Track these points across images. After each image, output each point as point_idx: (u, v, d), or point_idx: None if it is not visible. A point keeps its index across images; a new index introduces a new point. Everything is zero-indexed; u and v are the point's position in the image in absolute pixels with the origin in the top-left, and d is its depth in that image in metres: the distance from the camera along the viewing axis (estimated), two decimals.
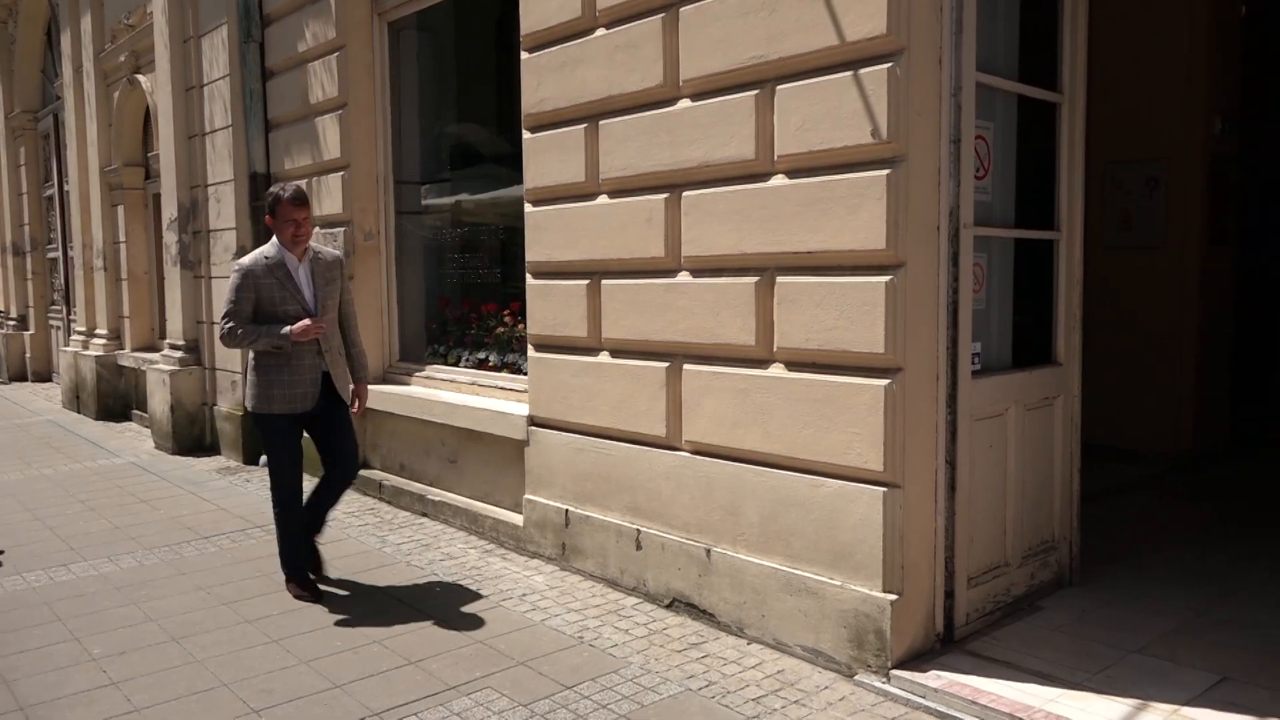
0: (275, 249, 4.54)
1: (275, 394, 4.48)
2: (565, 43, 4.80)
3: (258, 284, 4.46)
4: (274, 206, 4.49)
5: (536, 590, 4.71)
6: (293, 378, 4.49)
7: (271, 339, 4.42)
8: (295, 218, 4.47)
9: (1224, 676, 3.47)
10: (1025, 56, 4.13)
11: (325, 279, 4.63)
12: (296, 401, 4.50)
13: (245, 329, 4.45)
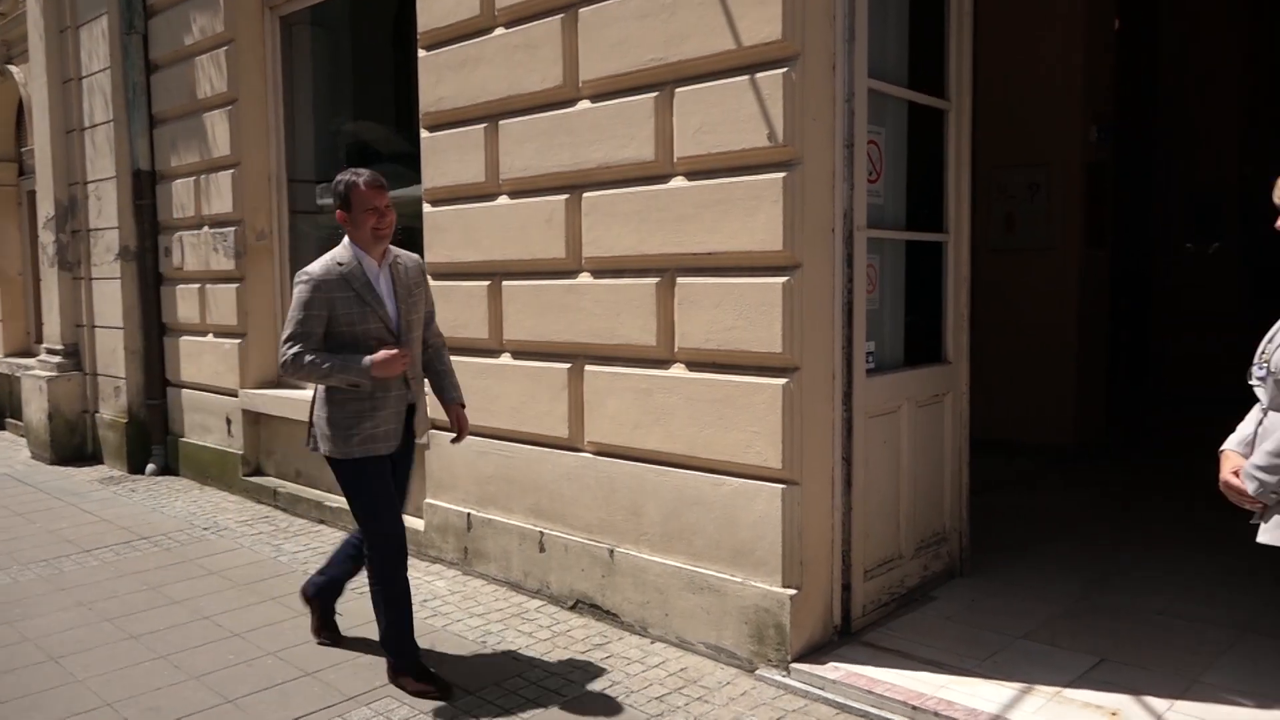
0: (349, 252, 3.56)
1: (358, 433, 3.54)
2: (464, 41, 4.75)
3: (331, 299, 3.49)
4: (347, 195, 3.53)
5: (438, 595, 4.64)
6: (379, 413, 3.56)
7: (348, 375, 3.45)
8: (377, 205, 3.52)
9: (1102, 658, 3.65)
10: (914, 65, 4.26)
11: (408, 289, 3.67)
12: (381, 441, 3.59)
13: (315, 357, 3.45)
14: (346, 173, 3.58)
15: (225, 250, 6.66)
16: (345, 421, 3.55)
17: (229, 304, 6.69)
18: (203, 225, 6.90)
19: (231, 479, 6.76)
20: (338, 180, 3.57)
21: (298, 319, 3.50)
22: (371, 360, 3.44)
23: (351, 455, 3.56)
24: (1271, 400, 2.27)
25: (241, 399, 6.62)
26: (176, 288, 7.25)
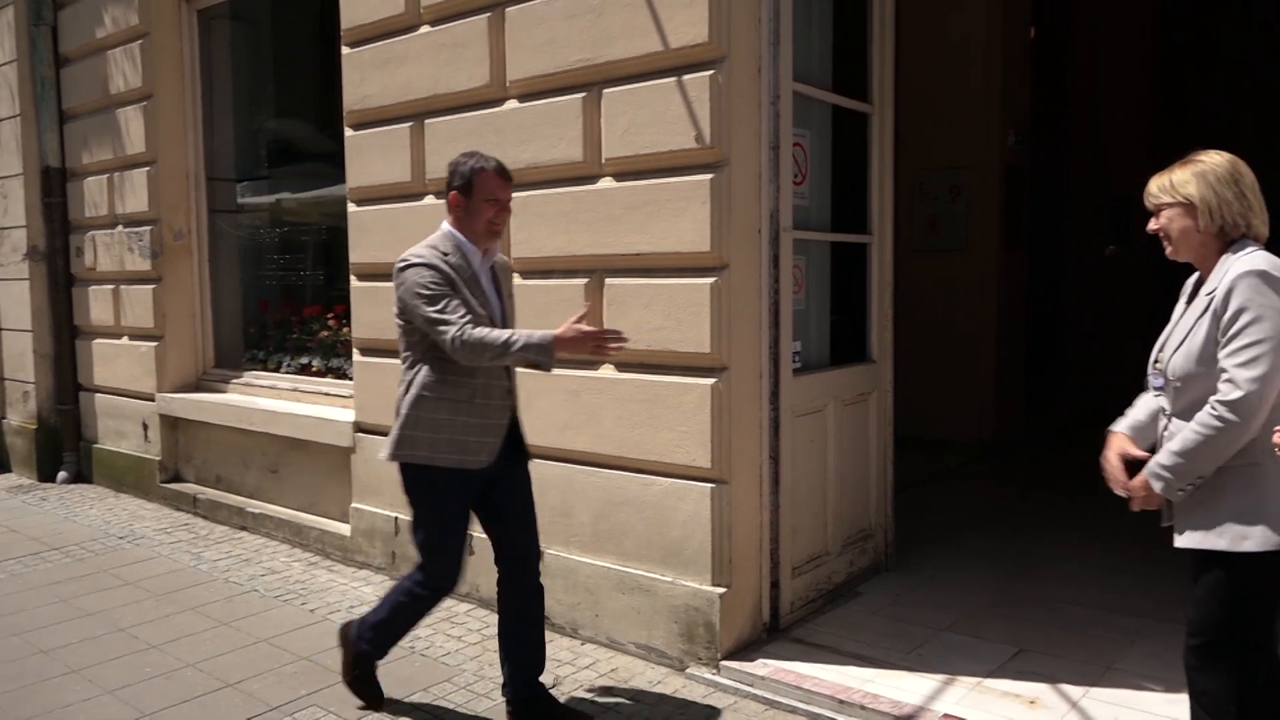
0: (452, 243, 3.16)
1: (446, 438, 3.10)
2: (388, 39, 4.68)
3: (451, 281, 3.09)
4: (470, 179, 3.14)
5: (366, 601, 4.57)
6: (476, 419, 3.12)
7: (529, 353, 2.97)
8: (500, 197, 3.16)
9: (1021, 648, 3.75)
10: (838, 69, 4.33)
11: (506, 290, 3.35)
12: (477, 451, 3.12)
13: (491, 330, 3.01)
14: (473, 155, 3.21)
15: (141, 250, 6.46)
16: (433, 422, 3.09)
17: (145, 305, 6.49)
18: (117, 224, 6.68)
19: (149, 486, 6.56)
20: (461, 161, 3.19)
21: (440, 295, 3.02)
22: (555, 335, 2.97)
23: (433, 462, 3.10)
24: (1174, 406, 2.32)
25: (159, 403, 6.43)
26: (89, 289, 7.01)
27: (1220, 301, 2.18)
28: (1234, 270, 2.18)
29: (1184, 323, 2.31)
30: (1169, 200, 2.32)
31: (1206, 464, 2.20)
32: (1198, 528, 2.28)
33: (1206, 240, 2.29)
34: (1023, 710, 3.26)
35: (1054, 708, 3.28)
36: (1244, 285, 2.15)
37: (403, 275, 3.11)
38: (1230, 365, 2.15)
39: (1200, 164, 2.31)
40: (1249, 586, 2.25)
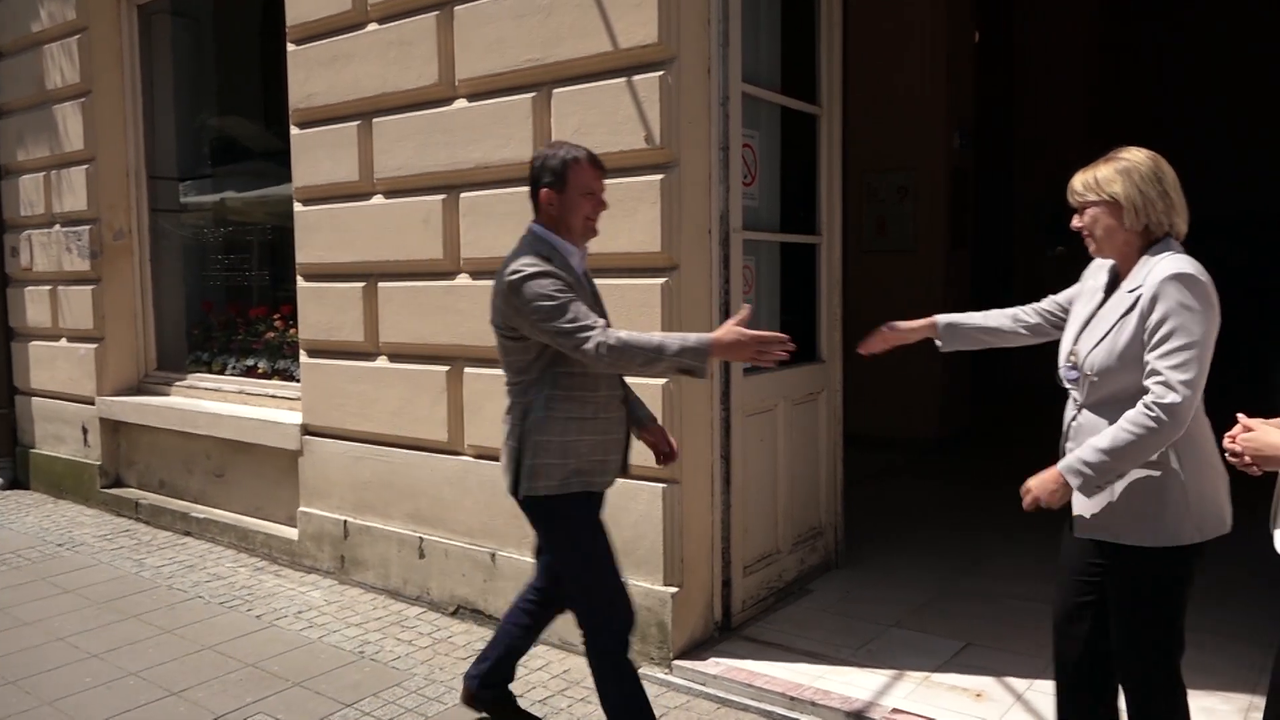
0: (548, 243, 2.79)
1: (575, 462, 2.75)
2: (335, 36, 4.62)
3: (570, 285, 2.73)
4: (563, 171, 2.77)
5: (313, 606, 4.51)
6: (600, 436, 2.81)
7: (682, 357, 2.58)
8: (596, 189, 2.83)
9: (967, 643, 3.82)
10: (787, 71, 4.36)
11: (599, 295, 3.01)
12: (599, 473, 2.83)
13: (631, 336, 2.61)
14: (560, 146, 2.84)
15: (80, 250, 6.30)
16: (564, 446, 2.74)
17: (84, 307, 6.33)
18: (54, 223, 6.51)
19: (89, 491, 6.40)
20: (550, 153, 2.82)
21: (568, 302, 2.62)
22: (713, 339, 2.60)
23: (566, 488, 2.75)
24: (1087, 399, 2.36)
25: (99, 407, 6.28)
26: (25, 289, 6.82)
27: (1147, 303, 2.20)
28: (1159, 272, 2.21)
29: (1104, 318, 2.33)
30: (1094, 198, 2.34)
31: (1131, 463, 2.22)
32: (1101, 522, 2.33)
33: (1131, 239, 2.32)
34: (969, 703, 3.32)
35: (1000, 700, 3.34)
36: (1172, 288, 2.17)
37: (520, 291, 2.65)
38: (1164, 368, 2.17)
39: (1124, 161, 2.33)
40: (1157, 584, 2.31)
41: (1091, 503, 2.34)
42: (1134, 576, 2.32)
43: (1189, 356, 2.15)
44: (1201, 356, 2.16)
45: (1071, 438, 2.39)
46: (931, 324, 2.78)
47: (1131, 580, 2.33)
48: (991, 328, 2.74)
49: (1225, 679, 3.43)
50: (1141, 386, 2.21)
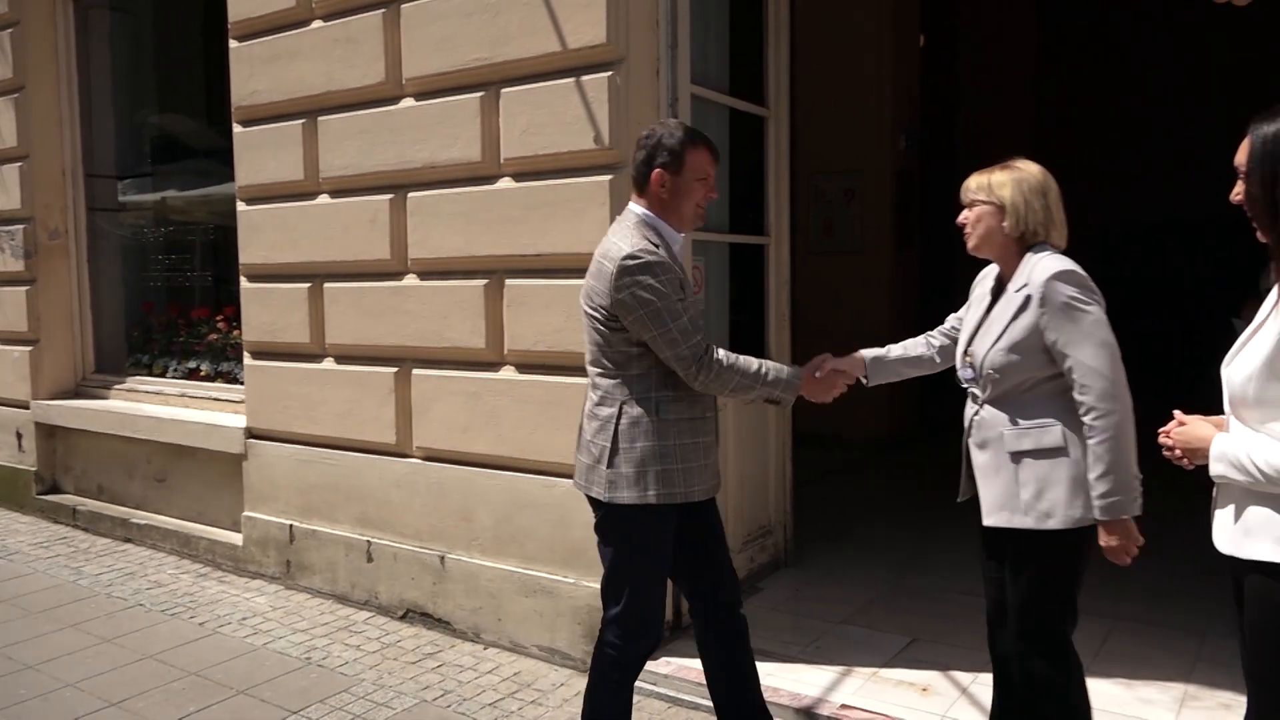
0: (654, 232, 2.61)
1: (698, 465, 2.61)
2: (279, 33, 4.56)
3: (680, 280, 2.59)
4: (681, 154, 2.60)
5: (259, 612, 4.43)
6: (708, 437, 2.67)
7: (776, 388, 2.60)
8: (711, 175, 2.68)
9: (914, 638, 3.87)
10: (735, 73, 4.39)
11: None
12: (712, 474, 2.69)
13: (732, 358, 2.56)
14: (676, 126, 2.70)
15: (13, 250, 6.13)
16: (680, 449, 2.56)
17: (18, 308, 6.16)
18: None
19: (23, 498, 6.23)
20: (663, 133, 2.64)
21: (677, 308, 2.49)
22: (804, 372, 2.63)
23: (668, 497, 2.55)
24: (987, 395, 2.49)
25: (34, 411, 6.11)
26: None
27: (1038, 300, 2.33)
28: (1042, 271, 2.35)
29: (997, 319, 2.46)
30: (984, 199, 2.50)
31: (1128, 457, 2.29)
32: (1004, 508, 2.43)
33: (1009, 243, 2.47)
34: (916, 698, 3.37)
35: (945, 694, 3.39)
36: (1059, 285, 2.32)
37: (634, 276, 2.48)
38: (1081, 357, 2.29)
39: (1018, 171, 2.50)
40: (1056, 564, 2.40)
41: (995, 491, 2.45)
42: (1032, 557, 2.41)
43: (1099, 339, 2.29)
44: (1104, 336, 2.30)
45: (973, 433, 2.54)
46: (860, 360, 2.84)
47: (1030, 561, 2.42)
48: (911, 358, 2.86)
49: (1162, 669, 3.52)
50: (1039, 377, 2.38)
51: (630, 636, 2.68)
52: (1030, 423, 2.39)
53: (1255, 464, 1.75)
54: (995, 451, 2.46)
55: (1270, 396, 1.77)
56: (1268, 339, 1.77)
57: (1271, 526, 1.77)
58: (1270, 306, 1.84)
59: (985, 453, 2.49)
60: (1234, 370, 1.87)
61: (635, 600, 2.66)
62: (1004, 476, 2.42)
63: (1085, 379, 2.29)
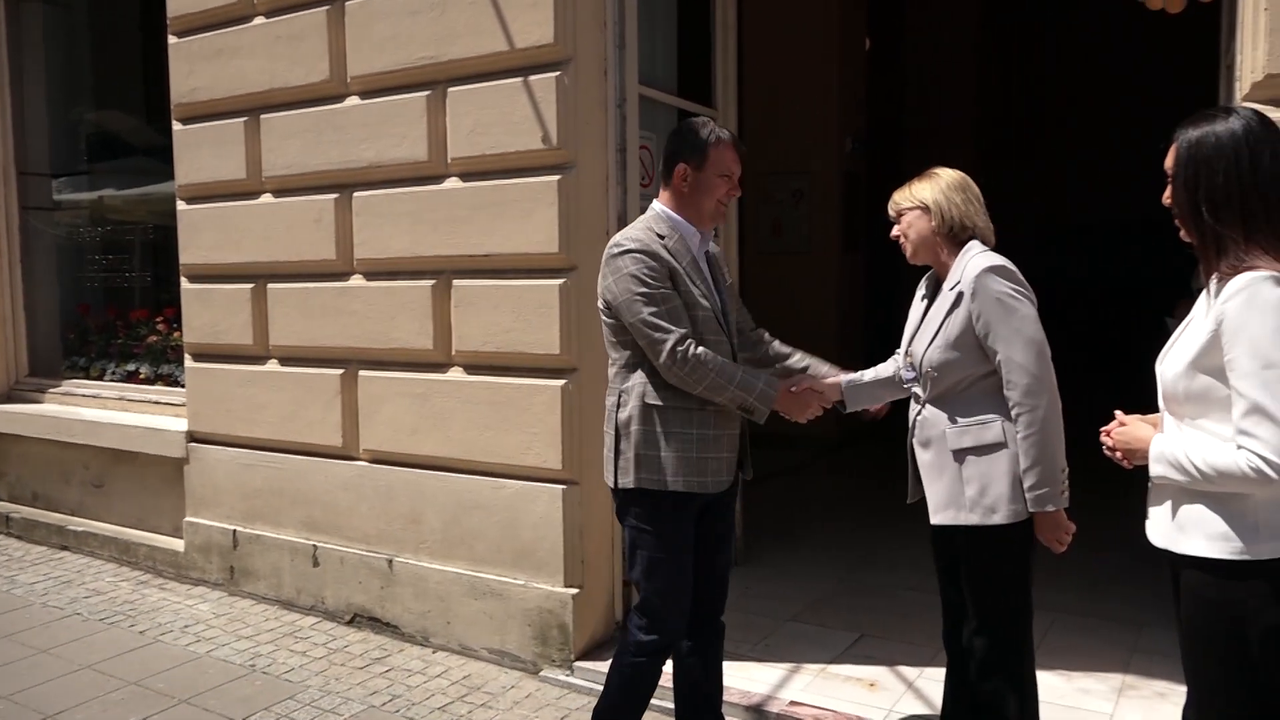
0: (668, 223, 2.68)
1: (683, 456, 2.59)
2: (220, 29, 4.47)
3: (672, 272, 2.60)
4: (704, 149, 2.65)
5: (201, 619, 4.35)
6: (709, 431, 2.62)
7: (749, 395, 2.57)
8: (735, 173, 2.71)
9: (862, 634, 3.92)
10: (683, 73, 4.40)
11: (724, 279, 2.88)
12: (712, 473, 2.64)
13: (714, 356, 2.56)
14: (704, 123, 2.73)
15: None
16: (667, 437, 2.59)
17: None
18: None
19: None
20: (691, 130, 2.70)
21: (659, 295, 2.53)
22: (781, 389, 2.62)
23: (668, 485, 2.58)
24: (929, 393, 2.54)
25: None
26: None
27: (969, 295, 2.39)
28: (974, 266, 2.41)
29: (933, 318, 2.52)
30: (909, 205, 2.57)
31: (1054, 451, 2.35)
32: (949, 505, 2.47)
33: (940, 242, 2.53)
34: (863, 693, 3.41)
35: (892, 689, 3.44)
36: (991, 280, 2.37)
37: (616, 263, 2.59)
38: (1010, 353, 2.35)
39: (936, 175, 2.58)
40: (1004, 558, 2.45)
41: (940, 490, 2.48)
42: (981, 553, 2.46)
43: (1028, 335, 2.36)
44: (1033, 335, 2.36)
45: (916, 432, 2.58)
46: (837, 385, 2.84)
47: (980, 557, 2.47)
48: (884, 379, 2.83)
49: (1100, 660, 3.60)
50: (977, 374, 2.43)
51: (644, 628, 2.70)
52: (970, 420, 2.44)
53: (1193, 463, 1.79)
54: (938, 450, 2.50)
55: (1201, 393, 1.82)
56: (1198, 337, 1.82)
57: (1205, 523, 1.82)
58: (1200, 305, 1.89)
59: (929, 451, 2.54)
60: (1166, 368, 1.91)
61: (649, 590, 2.68)
62: (948, 475, 2.47)
63: (1013, 375, 2.35)
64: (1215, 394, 1.80)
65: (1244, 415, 1.72)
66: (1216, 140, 1.82)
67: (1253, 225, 1.78)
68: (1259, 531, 1.77)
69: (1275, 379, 1.69)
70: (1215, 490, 1.80)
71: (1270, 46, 2.71)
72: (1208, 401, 1.82)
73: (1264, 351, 1.70)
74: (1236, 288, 1.75)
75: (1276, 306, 1.71)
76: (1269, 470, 1.69)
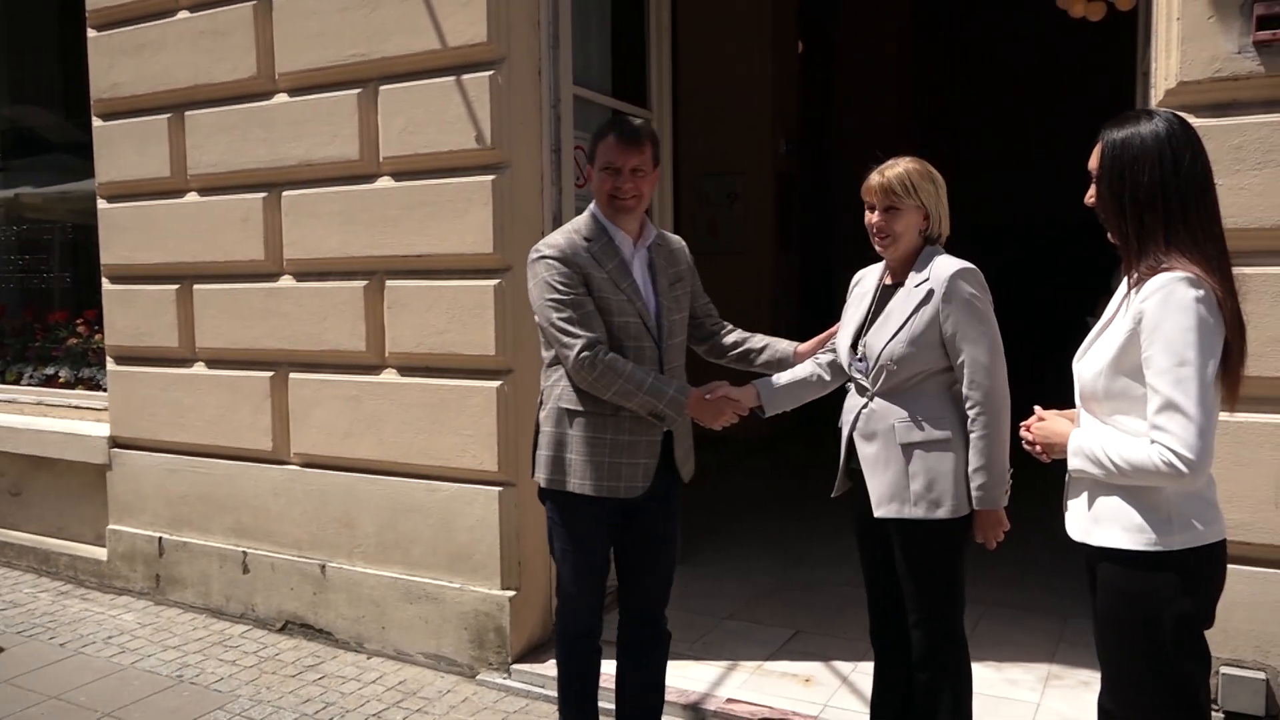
0: (594, 224, 2.68)
1: (592, 461, 2.61)
2: (142, 23, 4.36)
3: (587, 277, 2.59)
4: (593, 148, 2.69)
5: (126, 630, 4.23)
6: (623, 438, 2.62)
7: (658, 401, 2.55)
8: (614, 163, 2.62)
9: (797, 630, 3.96)
10: (618, 75, 4.41)
11: (670, 278, 2.82)
12: (625, 478, 2.64)
13: (624, 363, 2.56)
14: (608, 121, 2.79)
15: None
16: (577, 440, 2.62)
17: None
18: None
19: None
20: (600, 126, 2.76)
21: (569, 300, 2.54)
22: (693, 395, 2.60)
23: (581, 488, 2.61)
24: (879, 387, 2.54)
25: None
26: None
27: (941, 294, 2.41)
28: (945, 268, 2.44)
29: (895, 312, 2.50)
30: (912, 203, 2.50)
31: (1004, 452, 2.41)
32: (894, 499, 2.49)
33: (919, 242, 2.53)
34: (799, 689, 3.45)
35: (827, 684, 3.48)
36: (963, 282, 2.42)
37: (534, 268, 2.62)
38: (976, 354, 2.40)
39: (925, 169, 2.53)
40: (944, 551, 2.49)
41: (885, 483, 2.50)
42: (922, 547, 2.49)
43: (991, 340, 2.42)
44: (997, 339, 2.43)
45: (860, 425, 2.56)
46: (753, 390, 2.78)
47: (920, 551, 2.50)
48: (801, 379, 2.80)
49: (1025, 650, 3.69)
50: (932, 370, 2.45)
51: (560, 613, 2.83)
52: (921, 415, 2.46)
53: (1110, 458, 1.84)
54: (885, 444, 2.50)
55: (1118, 391, 1.88)
56: (1116, 337, 1.88)
57: (1120, 516, 1.88)
58: (1117, 304, 1.95)
59: (873, 444, 2.52)
60: (1084, 366, 1.97)
61: (561, 579, 2.79)
62: (894, 468, 2.48)
63: (976, 375, 2.39)
64: (1133, 392, 1.85)
65: (1157, 411, 1.78)
66: (1141, 141, 1.86)
67: (1173, 226, 1.83)
68: (1172, 523, 1.83)
69: (1188, 376, 1.75)
70: (1130, 484, 1.85)
71: (1183, 54, 2.81)
72: (1125, 399, 1.87)
73: (1177, 350, 1.76)
74: (1154, 288, 1.80)
75: (1190, 307, 1.76)
76: (1180, 465, 1.74)
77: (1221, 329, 1.79)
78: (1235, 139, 2.76)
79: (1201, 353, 1.75)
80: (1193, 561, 1.84)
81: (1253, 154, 2.75)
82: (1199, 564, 1.85)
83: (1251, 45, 2.73)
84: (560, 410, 2.65)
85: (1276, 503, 2.79)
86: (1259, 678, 2.82)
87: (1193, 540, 1.83)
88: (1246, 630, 2.80)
